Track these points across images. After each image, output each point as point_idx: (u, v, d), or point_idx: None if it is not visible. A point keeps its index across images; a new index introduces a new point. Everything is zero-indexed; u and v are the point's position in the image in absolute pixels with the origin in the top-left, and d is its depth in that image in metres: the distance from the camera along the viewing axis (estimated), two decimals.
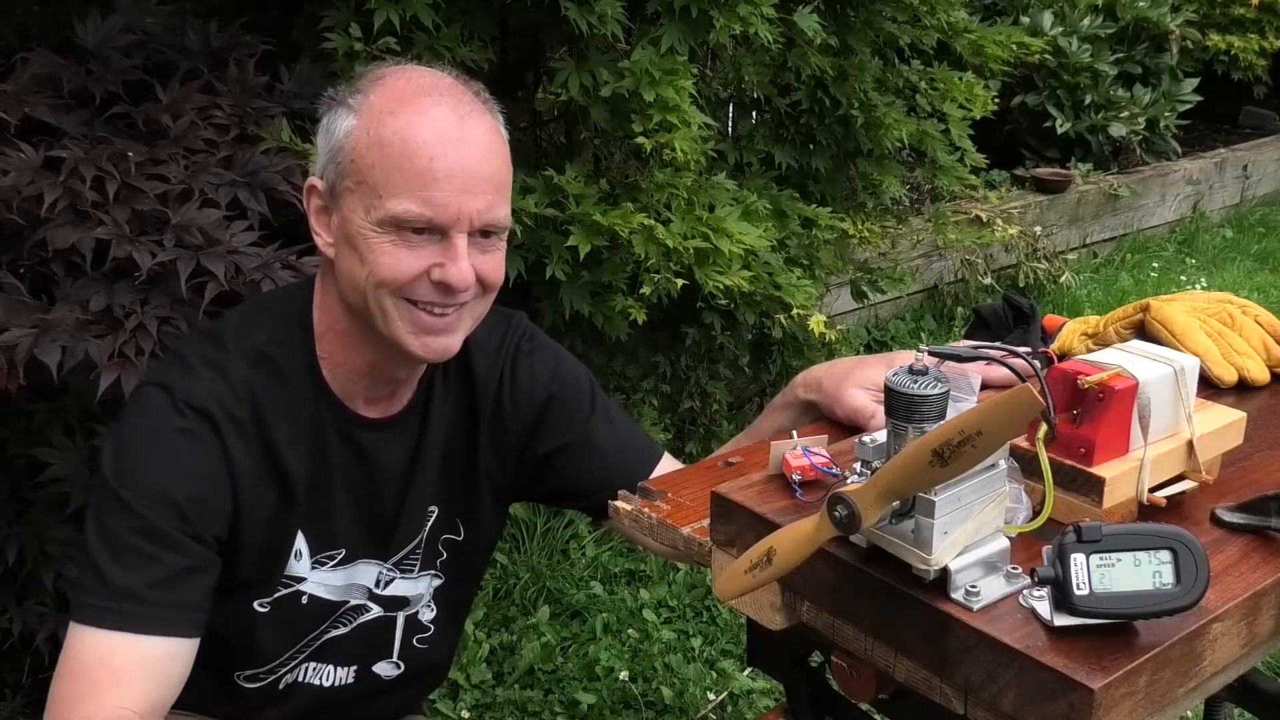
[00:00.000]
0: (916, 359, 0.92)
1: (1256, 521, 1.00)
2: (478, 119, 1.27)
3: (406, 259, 1.23)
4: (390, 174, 1.22)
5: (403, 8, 2.06)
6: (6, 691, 2.24)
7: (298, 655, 1.43)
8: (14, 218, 1.75)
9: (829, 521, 0.87)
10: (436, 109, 1.24)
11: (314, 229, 1.31)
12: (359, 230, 1.24)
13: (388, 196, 1.22)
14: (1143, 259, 5.39)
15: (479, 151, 1.25)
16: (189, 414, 1.26)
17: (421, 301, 1.26)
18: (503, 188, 1.28)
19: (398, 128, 1.22)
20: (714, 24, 2.32)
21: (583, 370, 1.52)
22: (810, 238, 2.91)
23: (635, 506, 1.17)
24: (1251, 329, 1.35)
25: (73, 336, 1.70)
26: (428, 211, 1.22)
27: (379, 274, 1.24)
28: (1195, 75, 6.02)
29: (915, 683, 0.93)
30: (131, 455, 1.25)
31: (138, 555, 1.22)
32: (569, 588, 2.79)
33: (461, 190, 1.22)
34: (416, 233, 1.23)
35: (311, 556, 1.38)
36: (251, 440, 1.30)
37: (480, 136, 1.26)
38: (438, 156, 1.22)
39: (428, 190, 1.21)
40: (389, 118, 1.23)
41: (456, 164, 1.22)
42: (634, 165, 2.40)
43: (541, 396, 1.46)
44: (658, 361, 3.03)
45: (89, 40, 1.98)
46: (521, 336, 1.48)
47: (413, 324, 1.26)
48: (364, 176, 1.23)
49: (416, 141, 1.22)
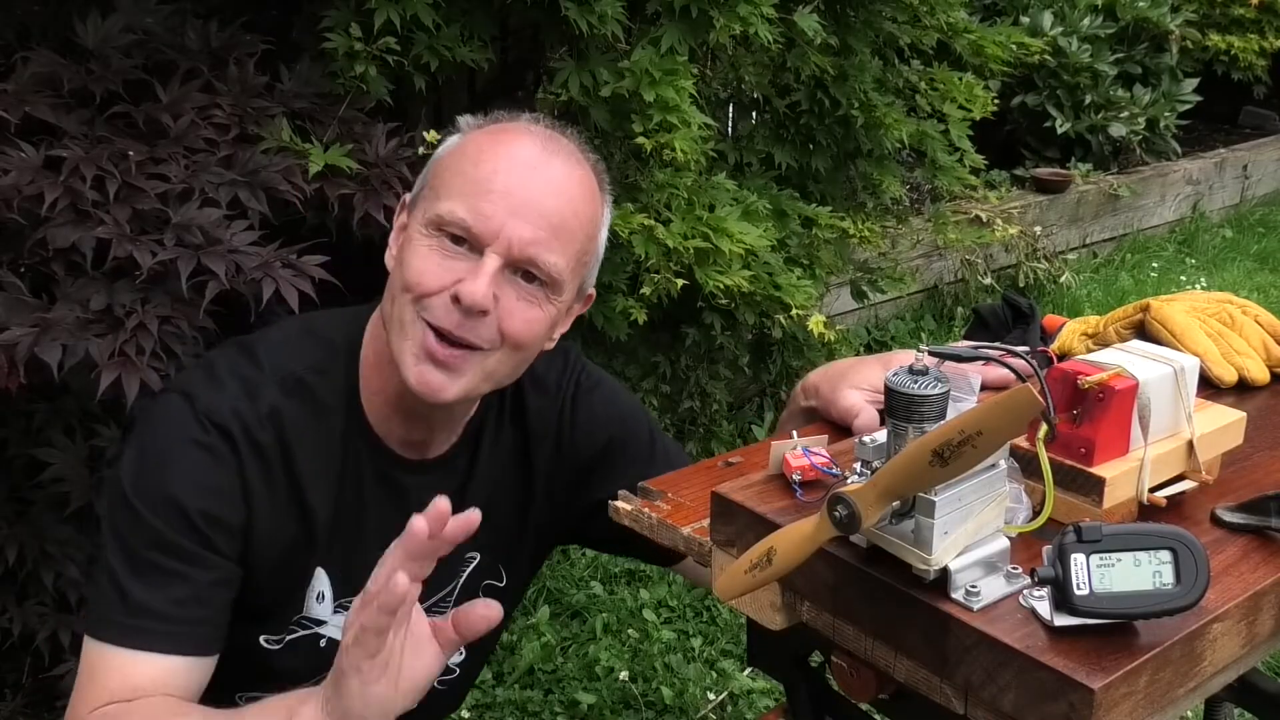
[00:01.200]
0: (916, 359, 0.92)
1: (1256, 521, 1.00)
2: (563, 160, 1.22)
3: (435, 267, 1.18)
4: (454, 177, 1.20)
5: (403, 7, 2.06)
6: (6, 691, 2.24)
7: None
8: (14, 217, 1.75)
9: (829, 521, 0.87)
10: (527, 139, 1.22)
11: (390, 244, 1.28)
12: (413, 231, 1.21)
13: (443, 197, 1.19)
14: (1143, 259, 5.39)
15: (550, 186, 1.20)
16: (209, 428, 1.21)
17: (436, 326, 1.18)
18: (563, 234, 1.20)
19: (481, 145, 1.22)
20: (714, 24, 2.32)
21: (640, 406, 1.48)
22: (810, 237, 2.91)
23: (635, 506, 1.17)
24: (1251, 329, 1.35)
25: (73, 336, 1.70)
26: (469, 218, 1.17)
27: (408, 275, 1.19)
28: (1195, 75, 6.02)
29: (915, 683, 0.93)
30: (148, 467, 1.21)
31: (158, 572, 1.19)
32: (569, 588, 2.79)
33: (510, 211, 1.17)
34: (455, 241, 1.18)
35: (335, 600, 1.33)
36: (273, 467, 1.24)
37: (558, 175, 1.21)
38: (502, 171, 1.18)
39: (477, 199, 1.17)
40: (482, 137, 1.23)
41: (518, 184, 1.18)
42: (634, 165, 2.40)
43: (602, 439, 1.41)
44: (658, 361, 3.03)
45: (89, 40, 1.98)
46: (581, 373, 1.42)
47: (419, 346, 1.19)
48: (436, 180, 1.22)
49: (490, 154, 1.20)
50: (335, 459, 1.28)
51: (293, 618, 1.33)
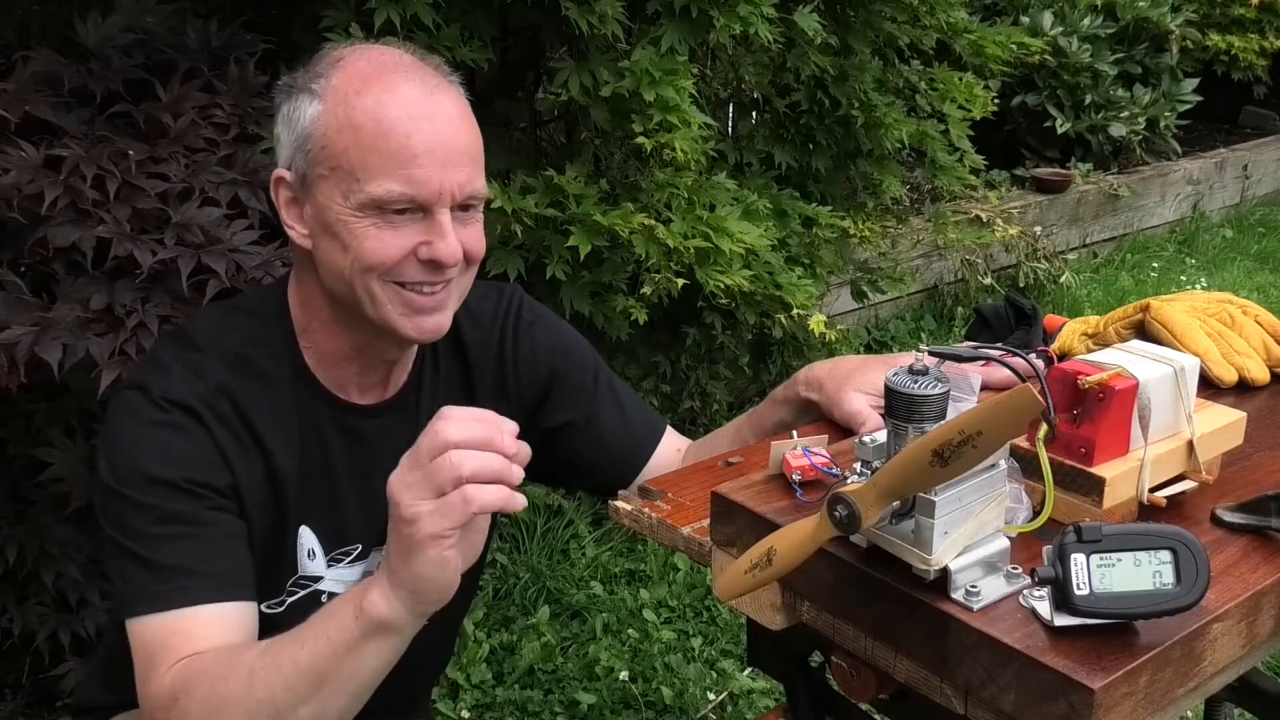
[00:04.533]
0: (917, 359, 0.92)
1: (1256, 521, 1.00)
2: (445, 92, 1.24)
3: (391, 240, 1.21)
4: (367, 155, 1.19)
5: (403, 7, 2.06)
6: (6, 691, 2.24)
7: None
8: (15, 216, 1.75)
9: (829, 521, 0.87)
10: (405, 85, 1.21)
11: (286, 222, 1.28)
12: (338, 217, 1.21)
13: (366, 179, 1.19)
14: (1143, 259, 5.39)
15: (452, 124, 1.23)
16: (168, 408, 1.23)
17: (409, 282, 1.23)
18: (478, 159, 1.26)
19: (368, 108, 1.20)
20: (714, 24, 2.32)
21: (584, 341, 1.50)
22: (811, 237, 2.91)
23: (635, 506, 1.17)
24: (1251, 329, 1.35)
25: (74, 335, 1.71)
26: (410, 190, 1.19)
27: (365, 259, 1.21)
28: (1195, 75, 6.02)
29: (915, 683, 0.93)
30: (123, 455, 1.23)
31: (174, 539, 1.20)
32: (569, 588, 2.79)
33: (441, 165, 1.20)
34: (399, 213, 1.21)
35: (326, 554, 1.36)
36: (240, 434, 1.27)
37: (451, 109, 1.23)
38: (414, 133, 1.19)
39: (408, 168, 1.19)
40: (357, 98, 1.20)
41: (434, 139, 1.20)
42: (634, 165, 2.40)
43: (544, 371, 1.44)
44: (658, 361, 3.03)
45: (89, 39, 1.98)
46: (519, 306, 1.46)
47: (403, 305, 1.24)
48: (338, 161, 1.20)
49: (390, 120, 1.19)
50: (291, 421, 1.31)
51: (289, 580, 1.35)
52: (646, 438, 1.48)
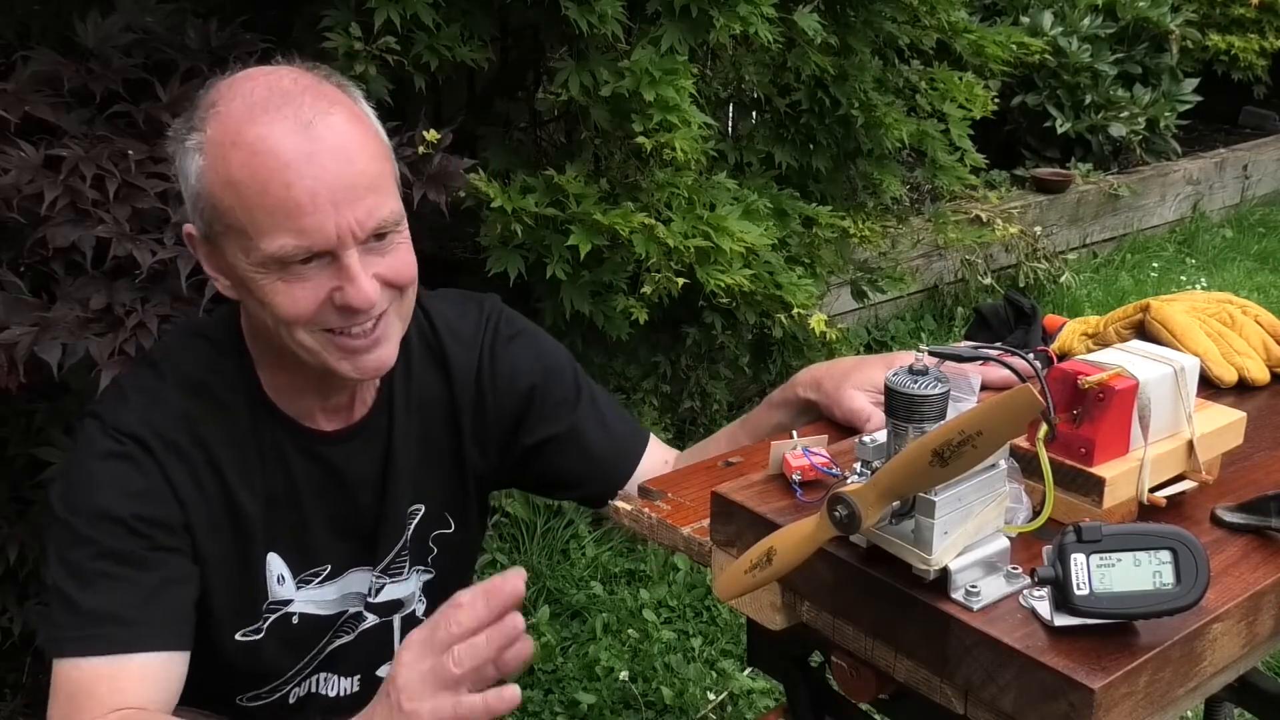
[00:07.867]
0: (916, 359, 0.92)
1: (1256, 521, 1.00)
2: (325, 120, 1.14)
3: (301, 294, 1.15)
4: (253, 213, 1.12)
5: (403, 7, 2.06)
6: (6, 691, 2.24)
7: (306, 668, 1.41)
8: (14, 216, 1.75)
9: (829, 521, 0.87)
10: (278, 126, 1.12)
11: (209, 273, 1.23)
12: (245, 274, 1.16)
13: (259, 237, 1.12)
14: (1143, 259, 5.39)
15: (338, 159, 1.13)
16: (122, 439, 1.22)
17: (336, 328, 1.18)
18: (380, 181, 1.16)
19: (243, 161, 1.11)
20: (714, 24, 2.32)
21: (564, 354, 1.48)
22: (811, 236, 2.91)
23: (635, 507, 1.17)
24: (1251, 329, 1.35)
25: (73, 334, 1.71)
26: (304, 241, 1.12)
27: (281, 315, 1.16)
28: (1195, 75, 6.01)
29: (915, 683, 0.93)
30: (74, 485, 1.22)
31: (107, 580, 1.19)
32: (569, 588, 2.79)
33: (334, 206, 1.12)
34: (303, 264, 1.14)
35: (295, 577, 1.35)
36: (197, 465, 1.25)
37: (334, 140, 1.13)
38: (293, 181, 1.11)
39: (295, 220, 1.11)
40: (232, 151, 1.12)
41: (315, 182, 1.11)
42: (634, 165, 2.40)
43: (524, 386, 1.42)
44: (658, 361, 3.03)
45: (89, 39, 1.98)
46: (499, 321, 1.43)
47: (337, 350, 1.19)
48: (229, 220, 1.14)
49: (266, 171, 1.11)
50: (251, 448, 1.29)
51: (263, 606, 1.34)
52: (631, 448, 1.47)
